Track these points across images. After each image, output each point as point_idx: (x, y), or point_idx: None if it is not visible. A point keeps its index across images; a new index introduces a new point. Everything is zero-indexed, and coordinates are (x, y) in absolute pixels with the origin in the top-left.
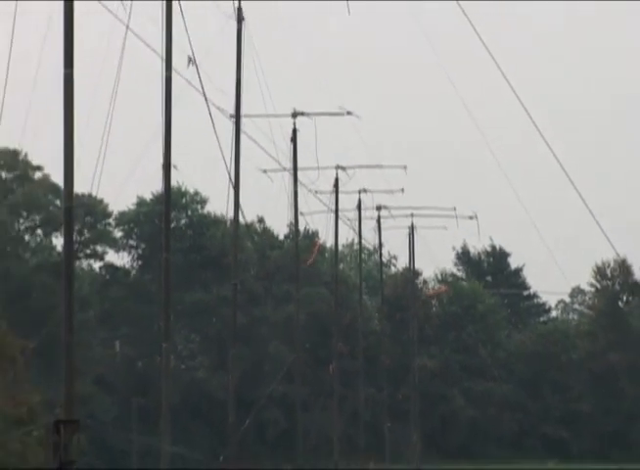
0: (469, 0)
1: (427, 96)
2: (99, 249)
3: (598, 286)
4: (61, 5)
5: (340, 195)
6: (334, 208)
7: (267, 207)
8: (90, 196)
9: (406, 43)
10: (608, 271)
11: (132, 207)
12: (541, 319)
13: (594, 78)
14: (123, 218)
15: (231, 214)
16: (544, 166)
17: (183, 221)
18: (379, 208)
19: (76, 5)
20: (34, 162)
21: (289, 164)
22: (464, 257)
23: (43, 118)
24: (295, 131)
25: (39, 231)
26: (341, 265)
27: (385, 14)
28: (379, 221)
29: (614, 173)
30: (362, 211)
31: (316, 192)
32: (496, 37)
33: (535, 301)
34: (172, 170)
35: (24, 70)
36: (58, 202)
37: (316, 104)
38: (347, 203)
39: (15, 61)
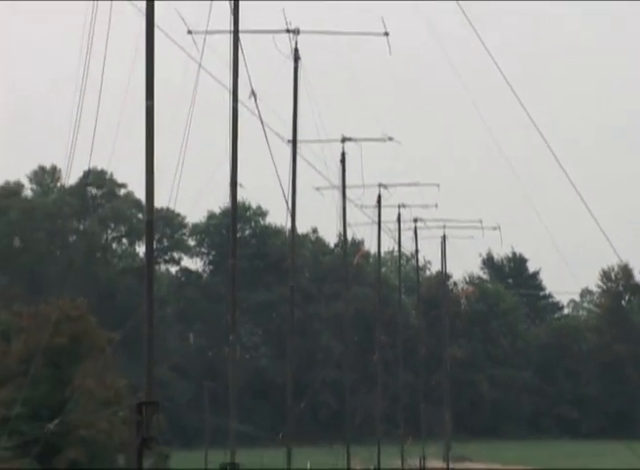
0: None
1: (457, 122)
2: (175, 255)
3: (604, 287)
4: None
5: (382, 209)
6: (377, 220)
7: (320, 219)
8: (168, 210)
9: (437, 77)
10: (612, 275)
11: (204, 219)
12: (555, 316)
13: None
14: (196, 229)
15: (289, 225)
16: (558, 181)
17: (247, 232)
18: (415, 220)
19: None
20: (119, 180)
21: (338, 183)
22: (489, 262)
23: (127, 141)
24: (343, 154)
25: (124, 240)
26: (383, 269)
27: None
28: (415, 232)
29: (620, 187)
30: (401, 223)
31: (362, 206)
32: (516, 69)
33: (550, 300)
34: (238, 188)
35: (111, 98)
36: (140, 215)
37: (362, 129)
38: (388, 215)
39: (101, 90)
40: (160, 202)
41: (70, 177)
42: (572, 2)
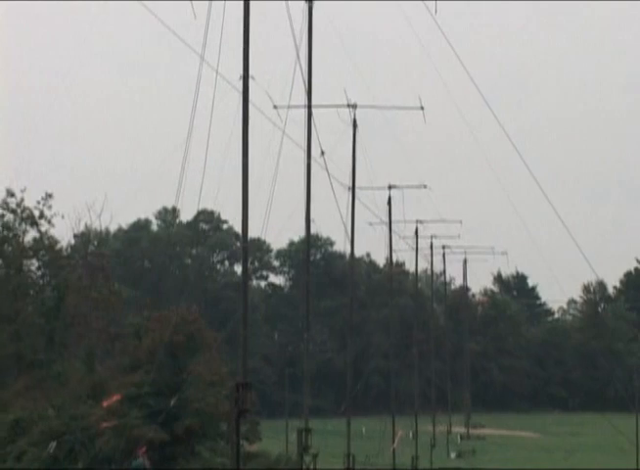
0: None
1: (474, 173)
2: (264, 273)
3: (585, 298)
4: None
5: (418, 239)
6: (415, 247)
7: (372, 246)
8: (259, 239)
9: (461, 140)
10: (591, 288)
11: (286, 246)
12: (548, 319)
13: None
14: (280, 253)
15: (349, 251)
16: (553, 219)
17: (318, 256)
18: (443, 247)
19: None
20: (223, 217)
21: (386, 219)
22: (498, 279)
23: (229, 189)
24: (389, 198)
25: (226, 262)
26: (419, 284)
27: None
28: (443, 256)
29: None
30: (433, 250)
31: (403, 237)
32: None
33: (544, 307)
34: (311, 223)
35: (215, 156)
36: (238, 243)
37: (403, 178)
38: (423, 244)
39: (207, 152)
40: (253, 233)
41: (187, 215)
42: None
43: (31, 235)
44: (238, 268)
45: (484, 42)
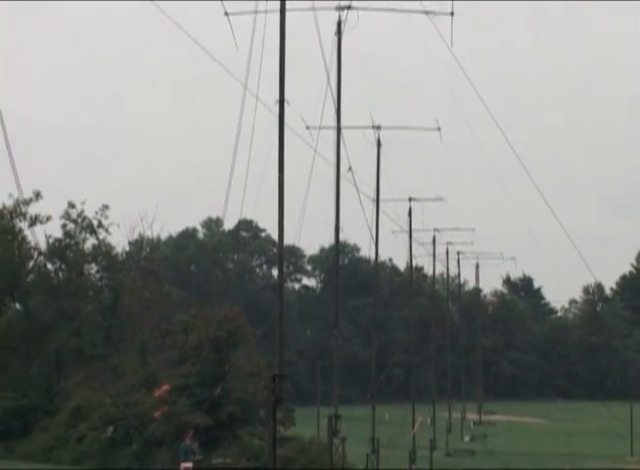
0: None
1: (484, 186)
2: (298, 276)
3: (585, 298)
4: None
5: (435, 245)
6: (432, 253)
7: (394, 252)
8: (294, 246)
9: (472, 156)
10: (590, 290)
11: (317, 252)
12: (552, 317)
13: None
14: (312, 259)
15: (373, 256)
16: (555, 227)
17: (346, 260)
18: (458, 253)
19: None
20: (261, 226)
21: (406, 228)
22: (507, 281)
23: (267, 200)
24: (410, 209)
25: (264, 266)
26: (436, 286)
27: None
28: (458, 261)
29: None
30: (448, 255)
31: (422, 244)
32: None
33: (548, 307)
34: (340, 232)
35: (255, 172)
36: (275, 249)
37: (422, 191)
38: (440, 249)
39: (248, 168)
40: (287, 240)
41: (229, 224)
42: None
43: (91, 242)
44: (274, 272)
45: (495, 65)
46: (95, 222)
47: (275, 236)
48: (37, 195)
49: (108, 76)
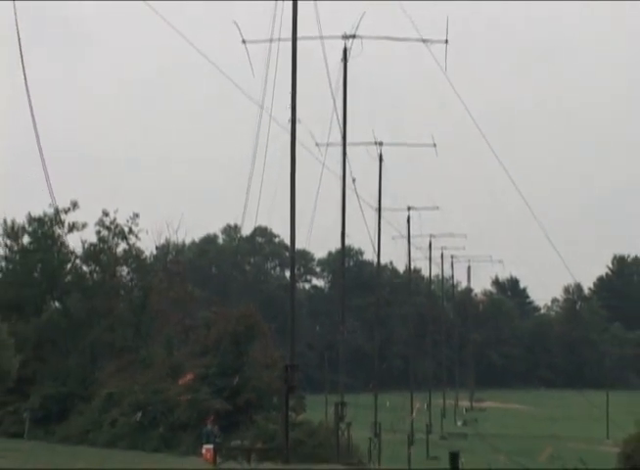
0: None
1: (472, 196)
2: (308, 277)
3: (565, 297)
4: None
5: (431, 250)
6: (428, 256)
7: (394, 256)
8: (304, 250)
9: (467, 169)
10: (570, 289)
11: (325, 255)
12: (536, 314)
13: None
14: (321, 261)
15: (376, 259)
16: (539, 235)
17: (351, 263)
18: (452, 256)
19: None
20: (275, 232)
21: (405, 234)
22: (496, 281)
23: (280, 209)
24: (408, 217)
25: (277, 269)
26: (432, 286)
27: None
28: (452, 264)
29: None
30: (443, 259)
31: (419, 248)
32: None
33: (533, 305)
34: (346, 237)
35: (269, 183)
36: (287, 253)
37: (420, 201)
38: (435, 253)
39: (262, 181)
40: (299, 245)
41: (246, 231)
42: None
43: (122, 247)
44: (287, 273)
45: (486, 85)
46: (126, 229)
47: (287, 241)
48: (74, 205)
49: (138, 98)
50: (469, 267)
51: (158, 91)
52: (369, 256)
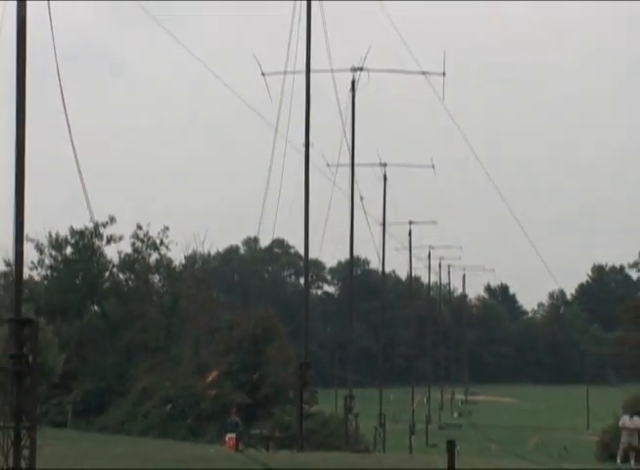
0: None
1: (467, 212)
2: (320, 284)
3: (550, 302)
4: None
5: (431, 260)
6: (428, 266)
7: (397, 265)
8: (317, 260)
9: (463, 191)
10: (554, 295)
11: (335, 264)
12: (524, 317)
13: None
14: (331, 270)
15: (381, 269)
16: (525, 246)
17: (359, 271)
18: (449, 266)
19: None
20: (290, 243)
21: (407, 246)
22: (488, 288)
23: (294, 223)
24: (410, 231)
25: (292, 276)
26: (431, 292)
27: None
28: (449, 272)
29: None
30: (441, 268)
31: (420, 259)
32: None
33: (521, 309)
34: (354, 248)
35: (285, 201)
36: (301, 263)
37: (421, 215)
38: (434, 263)
39: (279, 200)
40: (312, 255)
41: (264, 242)
42: None
43: (154, 257)
44: (301, 281)
45: (479, 113)
46: (158, 241)
47: (302, 251)
48: (112, 219)
49: (170, 123)
50: (464, 275)
51: (186, 117)
52: (374, 265)
